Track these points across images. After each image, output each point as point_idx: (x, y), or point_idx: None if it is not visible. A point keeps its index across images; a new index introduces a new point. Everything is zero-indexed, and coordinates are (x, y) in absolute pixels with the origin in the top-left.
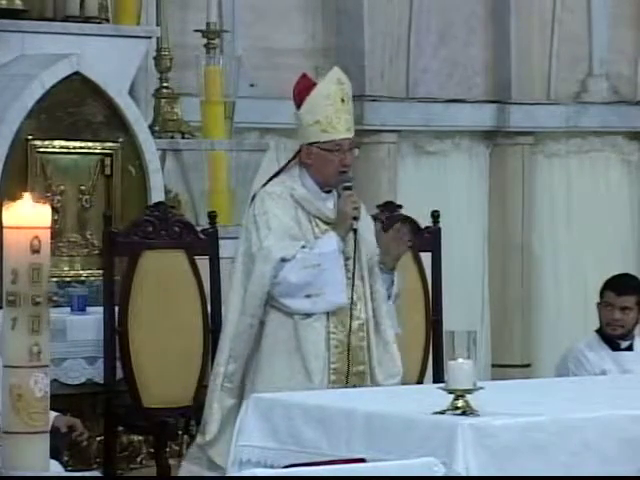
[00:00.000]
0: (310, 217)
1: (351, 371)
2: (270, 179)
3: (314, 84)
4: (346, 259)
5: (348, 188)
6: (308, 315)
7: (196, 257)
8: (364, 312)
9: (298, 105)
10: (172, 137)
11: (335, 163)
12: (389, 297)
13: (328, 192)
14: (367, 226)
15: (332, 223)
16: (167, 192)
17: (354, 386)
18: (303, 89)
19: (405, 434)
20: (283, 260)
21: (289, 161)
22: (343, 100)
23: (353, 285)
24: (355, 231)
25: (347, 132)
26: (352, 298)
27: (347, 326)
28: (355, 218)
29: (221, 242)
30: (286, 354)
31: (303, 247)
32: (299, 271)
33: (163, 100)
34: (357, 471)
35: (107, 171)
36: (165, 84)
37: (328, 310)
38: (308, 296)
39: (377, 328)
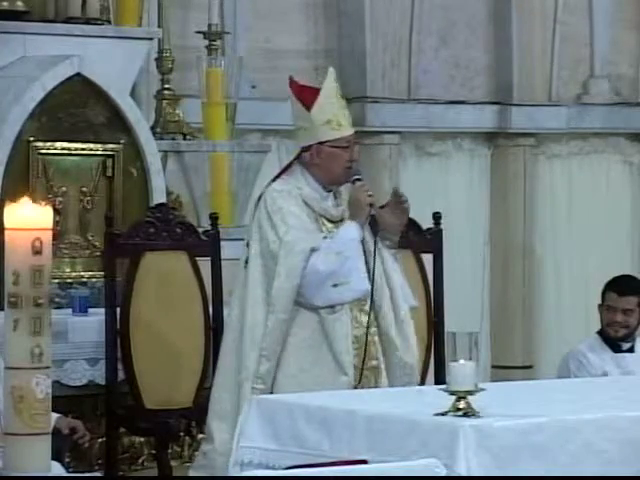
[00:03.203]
0: (316, 216)
1: (366, 366)
2: (272, 181)
3: (308, 86)
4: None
5: (359, 179)
6: (333, 310)
7: (198, 258)
8: (372, 306)
9: (307, 107)
10: (173, 138)
11: (344, 159)
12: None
13: (328, 191)
14: None
15: (337, 222)
16: (169, 193)
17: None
18: (307, 92)
19: (407, 435)
20: (313, 250)
21: (289, 164)
22: (341, 97)
23: (374, 275)
24: (373, 217)
25: (350, 127)
26: (372, 290)
27: (361, 321)
28: (371, 205)
29: (223, 243)
30: (313, 351)
31: (324, 238)
32: (325, 259)
33: (164, 101)
34: (359, 472)
35: (109, 172)
36: (167, 85)
37: (354, 298)
38: (335, 285)
39: (395, 313)
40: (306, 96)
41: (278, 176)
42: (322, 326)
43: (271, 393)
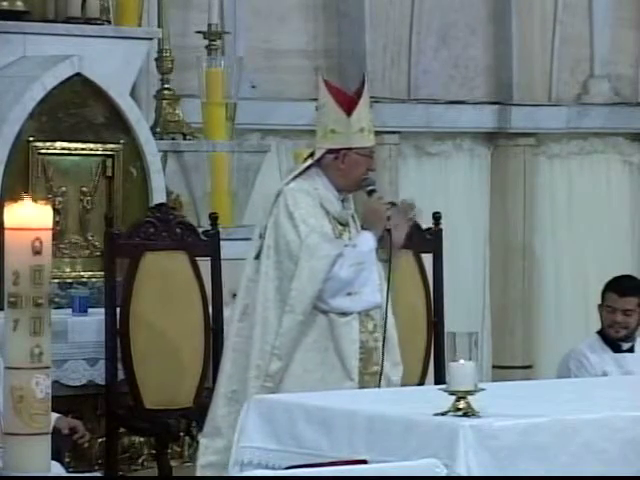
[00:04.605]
0: (330, 218)
1: (365, 371)
2: (291, 180)
3: (345, 91)
4: None
5: (374, 191)
6: (344, 314)
7: (197, 258)
8: (377, 313)
9: (347, 112)
10: (173, 138)
11: (364, 167)
12: None
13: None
14: None
15: (345, 225)
16: (168, 193)
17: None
18: (347, 97)
19: (406, 435)
20: (338, 256)
21: (309, 165)
22: (370, 107)
23: (389, 284)
24: (389, 231)
25: (374, 139)
26: (387, 299)
27: (367, 327)
28: (388, 218)
29: (223, 243)
30: (320, 353)
31: (345, 246)
32: (347, 268)
33: (164, 101)
34: (359, 472)
35: (108, 172)
36: (166, 85)
37: (363, 309)
38: (349, 294)
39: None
40: (346, 101)
41: (297, 176)
42: (331, 329)
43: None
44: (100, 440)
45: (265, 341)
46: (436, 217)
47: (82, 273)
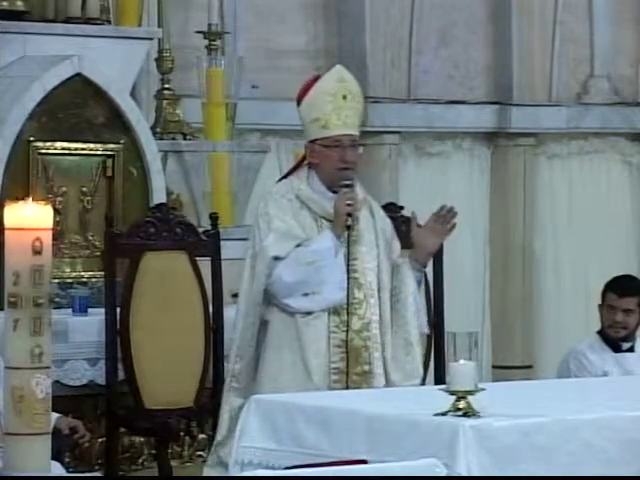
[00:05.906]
0: (316, 217)
1: (352, 371)
2: (280, 180)
3: (304, 84)
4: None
5: (347, 186)
6: (308, 313)
7: (198, 258)
8: (371, 312)
9: (299, 103)
10: (174, 138)
11: (334, 159)
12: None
13: (335, 192)
14: (384, 227)
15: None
16: (169, 193)
17: (358, 387)
18: (307, 87)
19: (407, 435)
20: (276, 258)
21: (300, 162)
22: (345, 97)
23: (348, 283)
24: (349, 227)
25: (345, 128)
26: (348, 296)
27: (348, 324)
28: (349, 215)
29: (223, 243)
30: (289, 353)
31: (298, 245)
32: (293, 269)
33: (165, 101)
34: (359, 472)
35: (109, 172)
36: (167, 85)
37: (327, 307)
38: (306, 294)
39: (398, 329)
40: (301, 93)
41: (286, 176)
42: (297, 329)
43: (251, 393)
44: (100, 440)
45: (234, 341)
46: None
47: (82, 273)
